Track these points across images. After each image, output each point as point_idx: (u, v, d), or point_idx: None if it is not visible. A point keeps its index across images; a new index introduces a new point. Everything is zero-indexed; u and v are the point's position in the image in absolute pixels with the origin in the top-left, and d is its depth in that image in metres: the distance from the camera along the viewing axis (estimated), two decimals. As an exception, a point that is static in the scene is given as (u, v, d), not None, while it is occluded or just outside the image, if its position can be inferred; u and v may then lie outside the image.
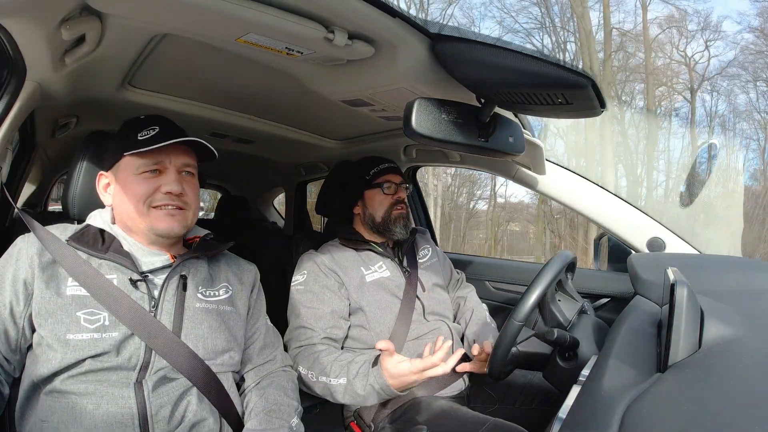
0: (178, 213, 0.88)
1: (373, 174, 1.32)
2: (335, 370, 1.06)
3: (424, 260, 1.41)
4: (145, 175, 0.86)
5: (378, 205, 1.31)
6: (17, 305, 0.78)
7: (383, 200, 1.31)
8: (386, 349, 0.95)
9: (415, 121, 0.79)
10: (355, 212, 1.35)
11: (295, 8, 0.70)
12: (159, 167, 0.87)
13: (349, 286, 1.23)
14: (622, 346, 0.65)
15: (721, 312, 0.60)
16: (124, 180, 0.87)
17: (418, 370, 0.96)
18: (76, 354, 0.76)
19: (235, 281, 0.99)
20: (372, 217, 1.31)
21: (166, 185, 0.86)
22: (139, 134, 0.86)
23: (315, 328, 1.15)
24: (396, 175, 1.34)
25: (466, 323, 1.38)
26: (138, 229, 0.87)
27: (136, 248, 0.88)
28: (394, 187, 1.32)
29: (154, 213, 0.86)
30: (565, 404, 0.65)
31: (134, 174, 0.86)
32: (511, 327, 0.90)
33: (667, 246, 1.34)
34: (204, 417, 0.83)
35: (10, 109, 0.83)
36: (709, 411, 0.37)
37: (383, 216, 1.30)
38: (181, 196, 0.88)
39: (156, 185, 0.86)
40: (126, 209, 0.87)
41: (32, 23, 0.69)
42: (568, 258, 1.01)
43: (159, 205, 0.86)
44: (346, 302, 1.22)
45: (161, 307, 0.84)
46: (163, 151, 0.86)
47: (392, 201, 1.31)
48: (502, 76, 0.75)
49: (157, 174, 0.87)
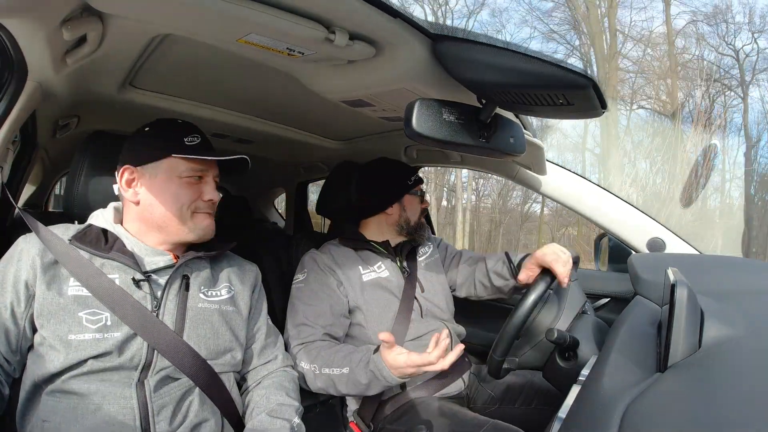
0: (212, 218, 0.94)
1: (414, 180, 1.39)
2: (337, 360, 1.06)
3: (423, 258, 1.41)
4: (189, 180, 0.89)
5: (414, 210, 1.38)
6: (18, 306, 0.78)
7: (418, 207, 1.39)
8: (387, 340, 0.95)
9: (416, 121, 0.79)
10: (388, 212, 1.36)
11: (296, 9, 0.70)
12: (202, 174, 0.91)
13: (348, 285, 1.23)
14: (622, 346, 0.65)
15: (721, 312, 0.60)
16: (164, 180, 0.88)
17: (414, 364, 0.96)
18: (78, 354, 0.76)
19: (237, 281, 0.99)
20: (408, 221, 1.36)
21: (208, 194, 0.91)
22: (185, 139, 0.89)
23: (315, 326, 1.15)
24: (421, 185, 1.42)
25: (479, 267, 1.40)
26: (173, 231, 0.89)
27: (139, 248, 0.88)
28: (423, 196, 1.42)
29: (196, 217, 0.90)
30: (565, 404, 0.65)
31: (178, 177, 0.88)
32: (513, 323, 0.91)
33: (667, 246, 1.34)
34: (206, 417, 0.83)
35: (11, 109, 0.83)
36: (709, 411, 0.37)
37: (416, 221, 1.37)
38: (214, 204, 0.94)
39: (198, 192, 0.90)
40: (160, 210, 0.88)
41: (33, 23, 0.69)
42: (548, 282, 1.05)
43: (200, 211, 0.91)
44: (345, 300, 1.22)
45: (164, 307, 0.84)
46: (205, 161, 0.90)
47: (422, 208, 1.40)
48: (503, 76, 0.75)
49: (198, 181, 0.90)
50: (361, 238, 1.34)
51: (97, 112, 1.19)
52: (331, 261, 1.26)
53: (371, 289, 1.25)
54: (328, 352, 1.09)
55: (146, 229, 0.89)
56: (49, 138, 1.30)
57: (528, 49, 0.72)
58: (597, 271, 1.56)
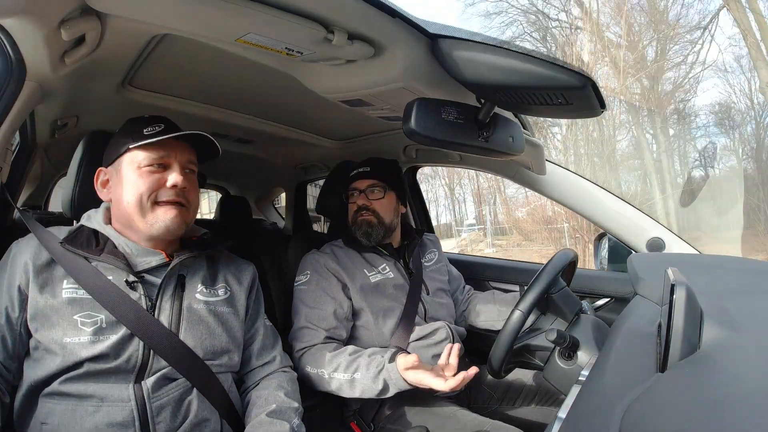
0: (180, 210, 0.87)
1: (348, 184, 1.35)
2: (345, 364, 1.07)
3: (429, 264, 1.42)
4: (149, 168, 0.85)
5: (349, 215, 1.33)
6: (13, 311, 0.78)
7: (350, 207, 1.33)
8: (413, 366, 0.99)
9: (415, 121, 0.79)
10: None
11: (295, 9, 0.70)
12: (165, 161, 0.87)
13: (352, 287, 1.23)
14: (622, 346, 0.65)
15: (721, 312, 0.59)
16: (126, 174, 0.86)
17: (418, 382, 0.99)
18: (74, 357, 0.76)
19: (234, 281, 0.99)
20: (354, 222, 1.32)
21: (171, 180, 0.85)
22: (144, 129, 0.86)
23: (318, 329, 1.15)
24: (362, 180, 1.33)
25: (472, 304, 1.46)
26: (137, 227, 0.86)
27: (130, 247, 0.87)
28: (356, 194, 1.33)
29: (157, 209, 0.85)
30: (565, 404, 0.65)
31: (138, 168, 0.85)
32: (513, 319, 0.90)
33: (667, 246, 1.34)
34: (206, 417, 0.83)
35: (10, 109, 0.83)
36: (709, 411, 0.37)
37: (351, 225, 1.32)
38: (184, 191, 0.88)
39: (161, 180, 0.86)
40: (126, 205, 0.85)
41: (32, 24, 0.69)
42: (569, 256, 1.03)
43: (163, 201, 0.86)
44: (349, 303, 1.22)
45: (159, 307, 0.84)
46: (168, 147, 0.86)
47: (353, 209, 1.32)
48: (502, 76, 0.75)
49: (161, 169, 0.86)
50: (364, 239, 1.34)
51: (96, 112, 1.19)
52: (334, 262, 1.25)
53: (377, 291, 1.24)
54: (330, 355, 1.09)
55: (122, 227, 0.88)
56: (48, 138, 1.30)
57: (526, 48, 0.72)
58: (597, 270, 1.55)
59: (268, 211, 2.69)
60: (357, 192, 1.33)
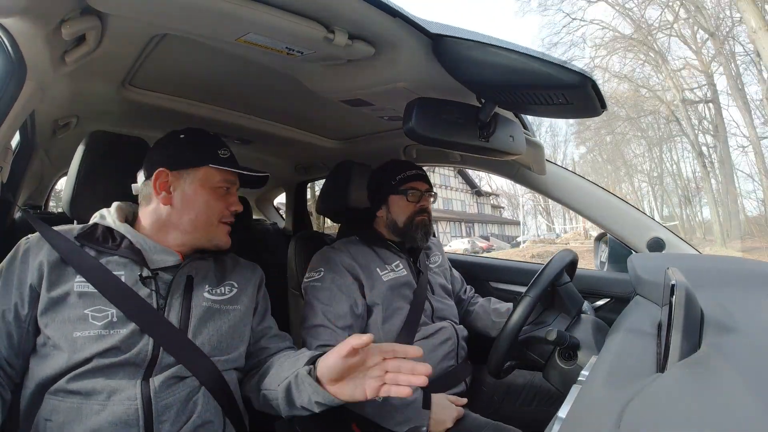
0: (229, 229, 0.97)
1: (399, 180, 1.32)
2: None
3: (434, 266, 1.42)
4: (220, 190, 0.93)
5: (400, 212, 1.31)
6: (22, 309, 0.79)
7: (406, 207, 1.31)
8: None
9: (416, 121, 0.79)
10: (378, 215, 1.35)
11: (295, 8, 0.70)
12: (230, 186, 0.95)
13: (368, 284, 1.22)
14: (622, 346, 0.65)
15: (721, 312, 0.59)
16: (198, 189, 0.91)
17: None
18: (82, 353, 0.76)
19: (241, 280, 1.00)
20: (394, 222, 1.31)
21: (234, 205, 0.95)
22: (219, 151, 0.94)
23: (335, 328, 1.14)
24: (422, 182, 1.34)
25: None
26: (192, 235, 0.91)
27: (147, 245, 0.88)
28: (418, 195, 1.32)
29: (220, 227, 0.94)
30: (565, 404, 0.65)
31: (211, 186, 0.91)
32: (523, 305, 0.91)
33: (667, 246, 1.34)
34: (209, 419, 0.83)
35: (10, 109, 0.83)
36: (709, 411, 0.37)
37: (405, 222, 1.31)
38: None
39: (226, 203, 0.94)
40: (190, 215, 0.90)
41: (32, 23, 0.69)
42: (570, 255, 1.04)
43: (225, 221, 0.95)
44: (363, 301, 1.21)
45: (169, 305, 0.85)
46: (231, 173, 0.94)
47: (415, 209, 1.31)
48: (502, 75, 0.75)
49: (225, 192, 0.94)
50: (380, 236, 1.33)
51: (97, 111, 1.19)
52: (350, 259, 1.24)
53: (388, 289, 1.24)
54: None
55: (167, 229, 0.90)
56: (48, 138, 1.30)
57: (527, 48, 0.71)
58: (597, 271, 1.55)
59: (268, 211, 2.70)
60: (419, 193, 1.33)
